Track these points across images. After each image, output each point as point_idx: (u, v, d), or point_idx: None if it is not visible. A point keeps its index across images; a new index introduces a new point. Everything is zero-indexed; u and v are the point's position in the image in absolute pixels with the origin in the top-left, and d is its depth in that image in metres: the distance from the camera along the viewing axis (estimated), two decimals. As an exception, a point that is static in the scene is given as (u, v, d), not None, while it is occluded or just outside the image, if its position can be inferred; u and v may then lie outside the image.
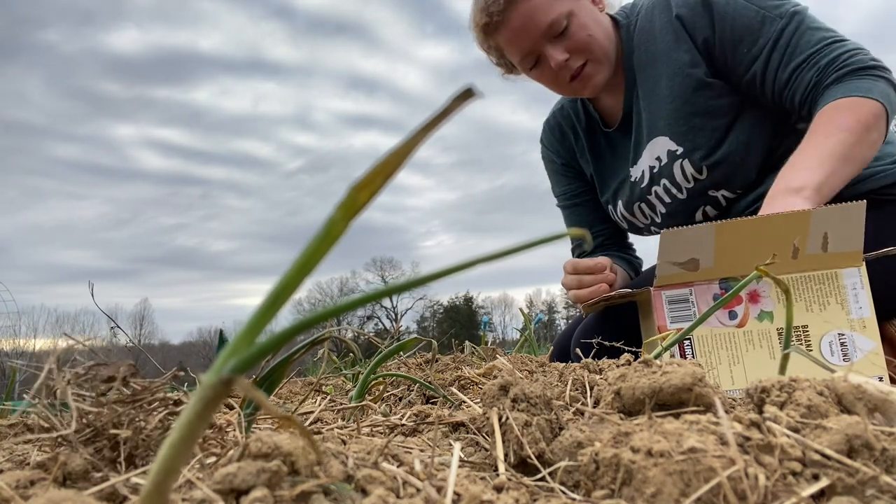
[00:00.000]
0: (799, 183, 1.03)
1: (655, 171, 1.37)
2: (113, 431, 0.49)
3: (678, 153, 1.31)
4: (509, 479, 0.45)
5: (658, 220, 1.44)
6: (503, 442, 0.51)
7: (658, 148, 1.35)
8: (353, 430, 0.73)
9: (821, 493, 0.36)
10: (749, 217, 0.93)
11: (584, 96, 1.44)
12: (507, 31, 1.32)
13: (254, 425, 0.71)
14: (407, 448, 0.58)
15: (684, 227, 0.94)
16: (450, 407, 0.89)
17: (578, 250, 1.67)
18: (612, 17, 1.40)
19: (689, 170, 1.31)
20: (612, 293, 1.15)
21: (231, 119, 70.29)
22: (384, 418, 0.81)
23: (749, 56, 1.20)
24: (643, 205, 1.44)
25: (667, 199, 1.39)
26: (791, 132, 1.27)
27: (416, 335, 1.07)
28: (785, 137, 1.28)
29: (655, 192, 1.40)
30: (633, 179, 1.44)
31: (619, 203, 1.50)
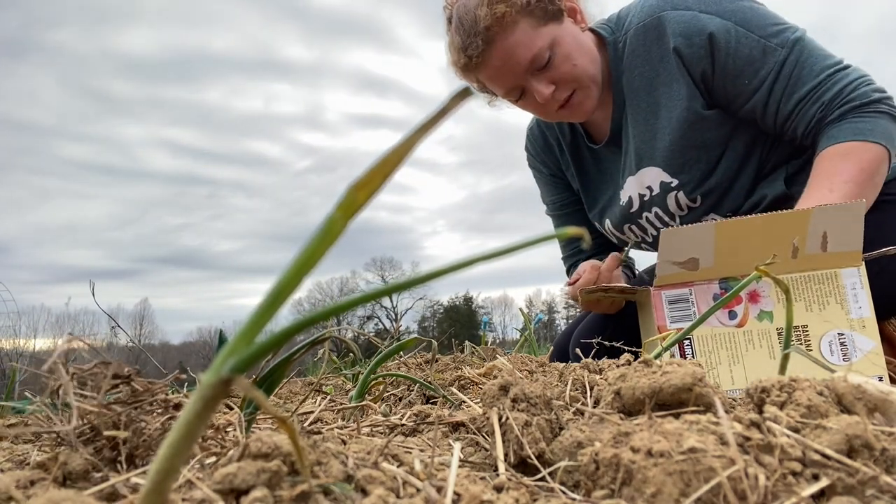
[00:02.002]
0: None
1: (646, 199, 1.36)
2: (112, 432, 0.49)
3: (672, 185, 1.30)
4: (509, 479, 0.45)
5: (649, 239, 1.44)
6: (503, 442, 0.50)
7: (649, 178, 1.33)
8: (353, 430, 0.72)
9: (821, 493, 0.36)
10: (749, 216, 0.93)
11: (576, 121, 1.41)
12: (487, 70, 1.27)
13: (254, 425, 0.71)
14: (407, 448, 0.58)
15: (684, 225, 0.94)
16: (450, 407, 0.89)
17: (571, 260, 1.65)
18: (594, 31, 1.35)
19: (684, 200, 1.31)
20: (612, 285, 1.15)
21: (242, 119, 70.36)
22: (384, 418, 0.81)
23: (750, 88, 1.18)
24: (633, 226, 1.44)
25: (658, 225, 1.39)
26: (779, 146, 1.26)
27: (416, 335, 1.07)
28: (773, 154, 1.27)
29: (646, 217, 1.40)
30: (621, 203, 1.42)
31: (607, 221, 1.49)
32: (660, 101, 1.27)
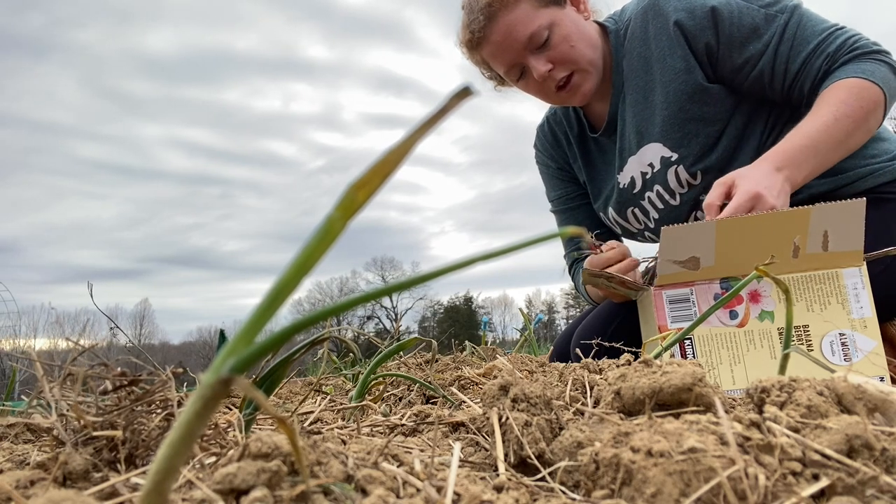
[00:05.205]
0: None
1: (648, 177, 1.38)
2: (107, 432, 0.49)
3: (672, 160, 1.32)
4: (509, 479, 0.44)
5: (651, 225, 1.45)
6: (503, 442, 0.50)
7: (650, 154, 1.35)
8: (353, 430, 0.72)
9: (821, 493, 0.36)
10: (750, 214, 0.93)
11: (574, 105, 1.46)
12: (489, 46, 1.35)
13: (254, 425, 0.71)
14: (407, 448, 0.58)
15: (685, 223, 0.94)
16: (450, 407, 0.89)
17: (573, 256, 1.66)
18: (599, 23, 1.40)
19: (684, 175, 1.33)
20: (614, 273, 1.15)
21: (259, 119, 69.76)
22: (384, 418, 0.81)
23: (756, 52, 1.21)
24: (636, 209, 1.45)
25: (659, 205, 1.40)
26: (780, 133, 1.27)
27: (416, 335, 1.07)
28: (774, 140, 1.28)
29: (648, 197, 1.41)
30: (621, 186, 1.45)
31: (611, 209, 1.51)
32: (655, 77, 1.31)
